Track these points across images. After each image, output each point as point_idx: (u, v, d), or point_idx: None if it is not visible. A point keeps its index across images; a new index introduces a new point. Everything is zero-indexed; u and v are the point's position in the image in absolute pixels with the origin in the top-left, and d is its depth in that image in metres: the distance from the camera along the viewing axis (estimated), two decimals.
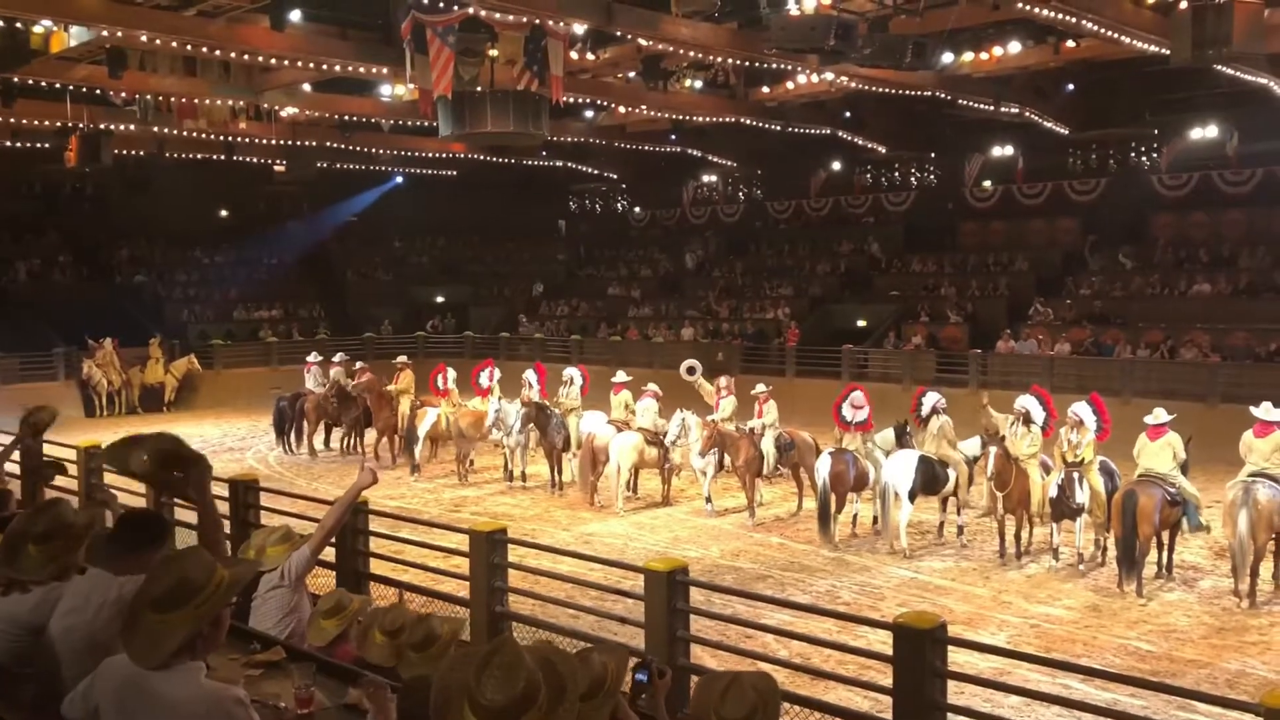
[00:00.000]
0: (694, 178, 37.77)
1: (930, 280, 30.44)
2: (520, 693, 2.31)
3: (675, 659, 6.10)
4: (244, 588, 5.32)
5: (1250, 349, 22.65)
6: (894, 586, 12.35)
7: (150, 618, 2.96)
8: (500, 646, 2.40)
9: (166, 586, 2.99)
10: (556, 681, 2.36)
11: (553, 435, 17.63)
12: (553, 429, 17.61)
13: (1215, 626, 10.96)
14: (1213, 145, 26.70)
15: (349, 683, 3.77)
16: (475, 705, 2.31)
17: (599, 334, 33.12)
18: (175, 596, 2.97)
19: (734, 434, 15.81)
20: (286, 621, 5.27)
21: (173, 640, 2.95)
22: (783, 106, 25.71)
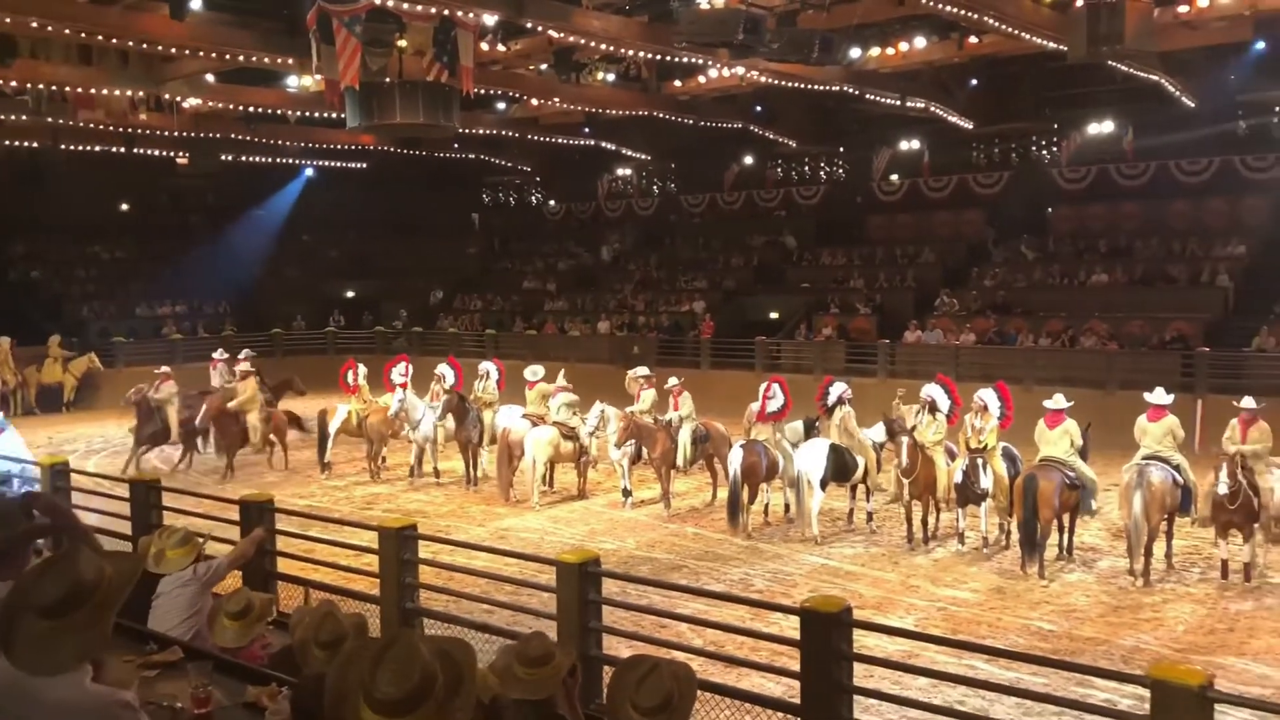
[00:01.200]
0: (609, 171, 37.79)
1: (840, 272, 30.92)
2: (416, 685, 2.29)
3: (588, 650, 6.12)
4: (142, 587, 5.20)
5: (1146, 337, 23.46)
6: (806, 573, 12.54)
7: (40, 625, 2.84)
8: (395, 640, 2.38)
9: (59, 591, 2.88)
10: (454, 672, 2.35)
11: (469, 429, 17.52)
12: (469, 423, 17.50)
13: (1112, 605, 11.34)
14: (1109, 140, 27.58)
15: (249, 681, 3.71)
16: (370, 700, 2.29)
17: (514, 328, 32.97)
18: (70, 600, 2.86)
19: (651, 426, 15.89)
20: (190, 623, 5.17)
21: (72, 645, 2.85)
22: (695, 100, 25.89)
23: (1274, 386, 18.56)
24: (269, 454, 19.36)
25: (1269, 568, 12.19)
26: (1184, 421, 13.36)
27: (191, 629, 5.11)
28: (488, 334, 32.22)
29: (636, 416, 15.94)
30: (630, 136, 30.80)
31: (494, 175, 40.04)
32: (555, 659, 4.00)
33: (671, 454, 15.67)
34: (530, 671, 3.91)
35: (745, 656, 8.45)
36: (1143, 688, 4.67)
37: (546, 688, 3.92)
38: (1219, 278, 24.55)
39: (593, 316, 32.38)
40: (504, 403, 18.35)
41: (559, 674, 3.97)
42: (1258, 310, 23.09)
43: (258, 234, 37.71)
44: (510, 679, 3.95)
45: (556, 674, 3.96)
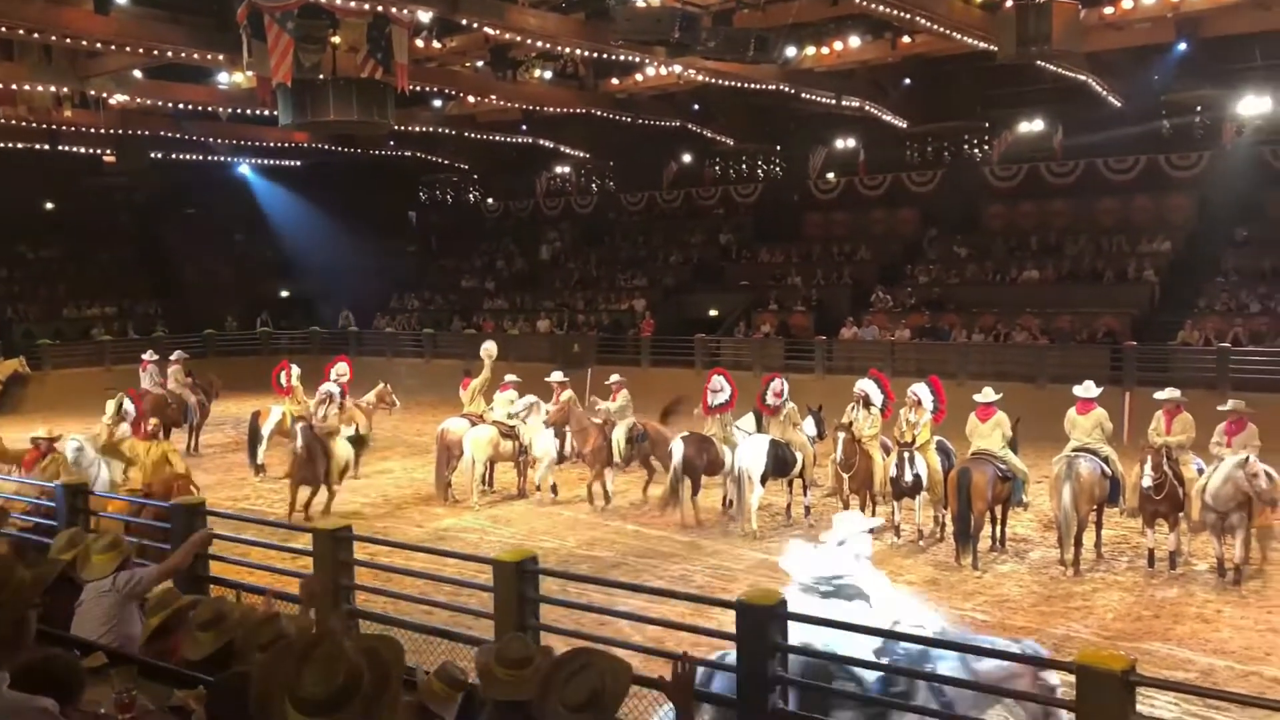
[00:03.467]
0: (547, 169, 37.67)
1: (778, 270, 31.16)
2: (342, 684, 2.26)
3: None
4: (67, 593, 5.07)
5: (1075, 331, 23.97)
6: (745, 568, 12.61)
7: None
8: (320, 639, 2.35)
9: None
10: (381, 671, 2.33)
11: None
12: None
13: (1044, 594, 11.57)
14: (1040, 138, 28.12)
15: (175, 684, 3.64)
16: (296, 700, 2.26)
17: (453, 327, 32.75)
18: None
19: (584, 419, 15.83)
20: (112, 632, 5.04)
21: None
22: (633, 98, 25.90)
23: (1198, 379, 19.11)
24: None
25: (1193, 555, 12.52)
26: (1112, 414, 13.69)
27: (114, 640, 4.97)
28: (426, 333, 31.99)
29: (573, 403, 15.89)
30: (568, 134, 30.72)
31: (431, 173, 39.71)
32: (535, 661, 3.97)
33: (604, 451, 15.60)
34: (510, 673, 3.90)
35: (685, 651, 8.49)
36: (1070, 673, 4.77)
37: (525, 689, 3.89)
38: (1145, 273, 25.18)
39: (532, 315, 32.29)
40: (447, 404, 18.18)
41: (539, 675, 3.93)
42: (1182, 305, 23.74)
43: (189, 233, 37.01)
44: (490, 680, 3.94)
45: (536, 675, 3.93)
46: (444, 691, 4.15)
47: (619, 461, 15.89)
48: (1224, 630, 10.31)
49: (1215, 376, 19.84)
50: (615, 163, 36.61)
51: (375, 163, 34.05)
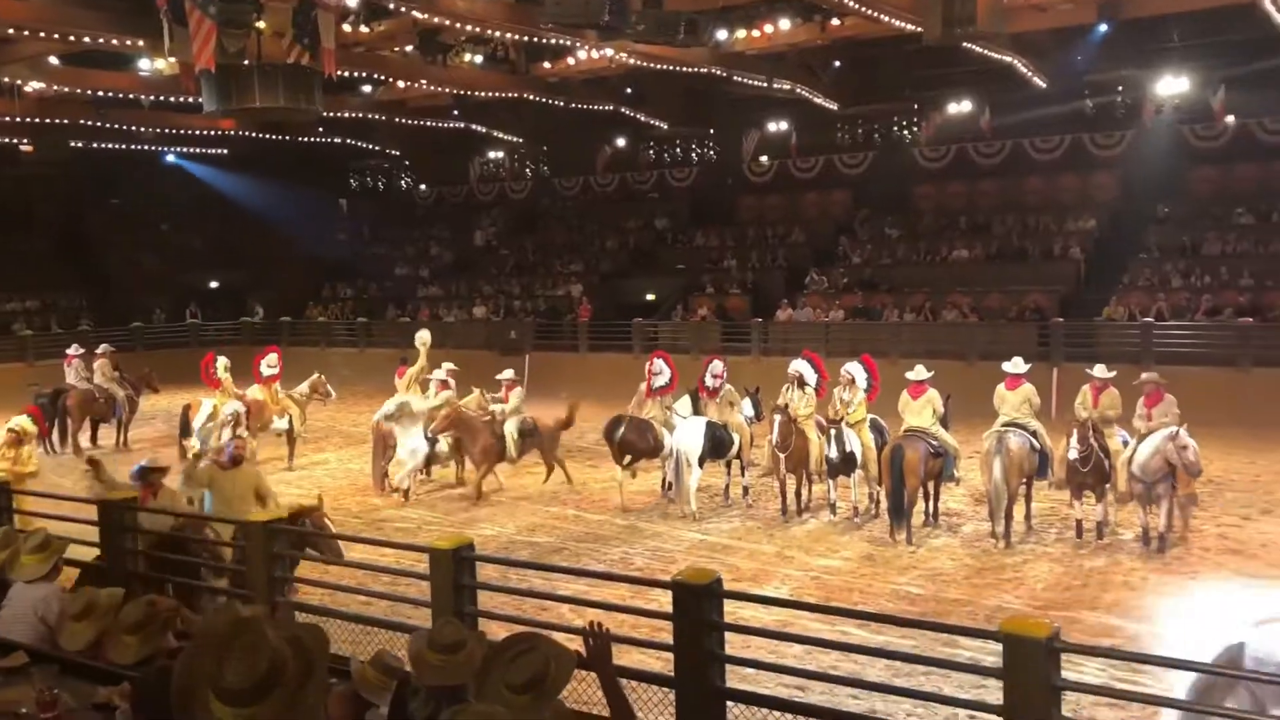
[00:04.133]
0: (480, 154, 37.36)
1: (714, 253, 31.29)
2: (265, 673, 2.25)
3: None
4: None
5: (1004, 309, 24.42)
6: (685, 549, 12.70)
7: None
8: (242, 629, 2.32)
9: None
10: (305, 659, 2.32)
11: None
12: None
13: (976, 567, 11.81)
14: (967, 119, 28.51)
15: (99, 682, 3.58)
16: (219, 691, 2.23)
17: (387, 316, 32.42)
18: None
19: (473, 420, 15.68)
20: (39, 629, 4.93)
21: None
22: (565, 82, 25.78)
23: (1124, 354, 19.57)
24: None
25: (1120, 525, 12.86)
26: (1041, 389, 13.98)
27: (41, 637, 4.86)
28: (359, 322, 31.63)
29: (460, 406, 15.72)
30: (501, 119, 30.52)
31: (362, 160, 39.19)
32: (468, 646, 3.97)
33: (494, 449, 15.37)
34: (443, 658, 3.89)
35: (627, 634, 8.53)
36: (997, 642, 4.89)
37: (459, 674, 3.89)
38: (1071, 251, 25.72)
39: (468, 302, 32.08)
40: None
41: (473, 661, 3.94)
42: (1107, 281, 24.29)
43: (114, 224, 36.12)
44: (423, 665, 3.92)
45: (470, 661, 3.93)
46: (378, 679, 4.14)
47: (512, 456, 15.72)
48: (1148, 597, 10.61)
49: (1139, 351, 20.34)
50: (549, 147, 36.44)
51: (304, 150, 33.49)
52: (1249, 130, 25.54)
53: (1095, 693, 6.76)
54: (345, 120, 28.65)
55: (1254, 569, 11.34)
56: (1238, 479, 15.50)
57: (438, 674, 3.84)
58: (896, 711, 7.59)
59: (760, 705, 5.66)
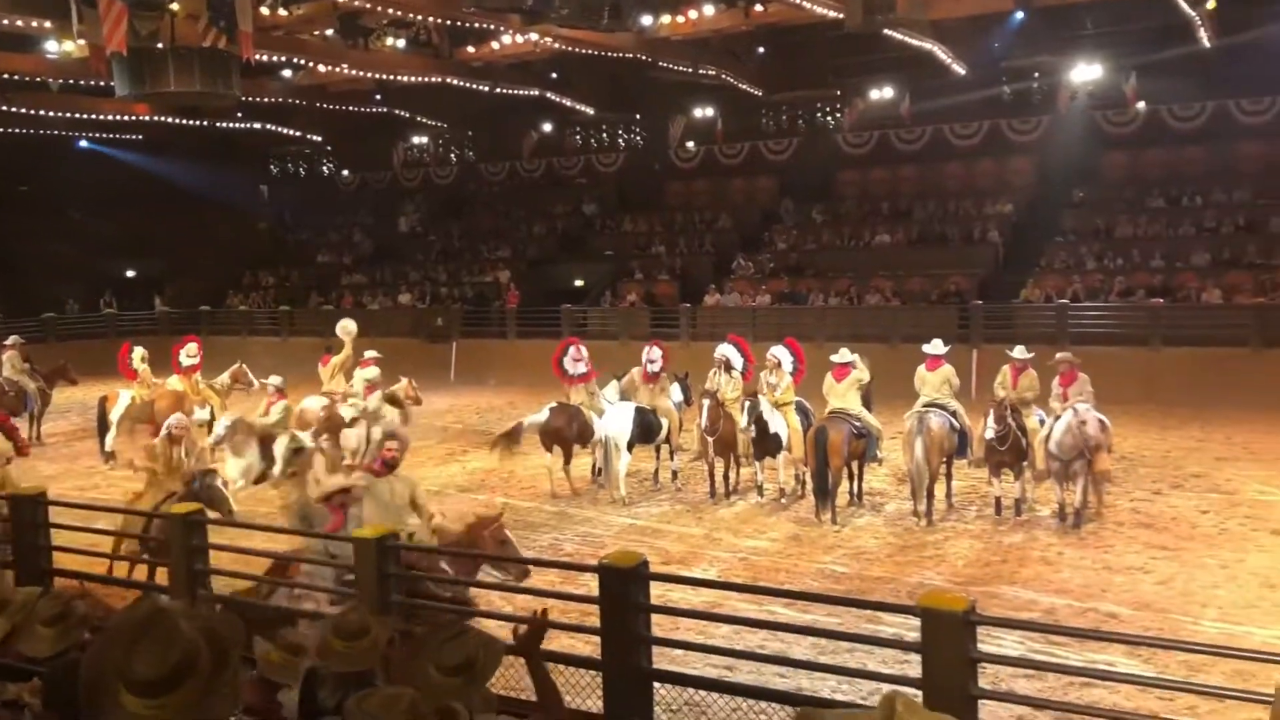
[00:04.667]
0: (404, 139, 36.92)
1: (642, 239, 31.34)
2: (176, 664, 2.21)
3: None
4: None
5: (925, 292, 24.85)
6: (615, 534, 12.74)
7: None
8: (153, 619, 2.28)
9: None
10: (219, 649, 2.29)
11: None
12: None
13: (899, 545, 12.04)
14: (888, 106, 28.89)
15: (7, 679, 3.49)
16: (129, 683, 2.19)
17: (310, 303, 31.91)
18: None
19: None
20: None
21: None
22: (490, 67, 25.59)
23: (1041, 335, 20.01)
24: None
25: (1037, 502, 13.19)
26: (962, 370, 14.27)
27: None
28: (282, 310, 31.09)
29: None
30: (425, 104, 30.18)
31: (282, 146, 38.39)
32: (373, 631, 3.96)
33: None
34: (347, 644, 3.86)
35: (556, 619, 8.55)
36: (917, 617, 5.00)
37: (365, 660, 3.87)
38: (990, 235, 26.25)
39: (393, 289, 31.71)
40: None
41: (378, 646, 3.93)
42: (1025, 264, 24.85)
43: (23, 212, 34.89)
44: (328, 652, 3.89)
45: (375, 646, 3.92)
46: (282, 659, 4.09)
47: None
48: (1065, 571, 10.91)
49: (1055, 331, 20.84)
50: (474, 132, 36.13)
51: (222, 135, 32.78)
52: (1159, 116, 26.26)
53: (1011, 664, 6.95)
54: (265, 105, 28.12)
55: (1164, 541, 11.73)
56: (1149, 455, 15.98)
57: (343, 660, 3.82)
58: (822, 688, 7.71)
59: (685, 685, 5.72)
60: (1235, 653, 6.76)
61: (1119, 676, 7.20)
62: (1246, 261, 22.66)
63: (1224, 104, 25.35)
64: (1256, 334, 19.83)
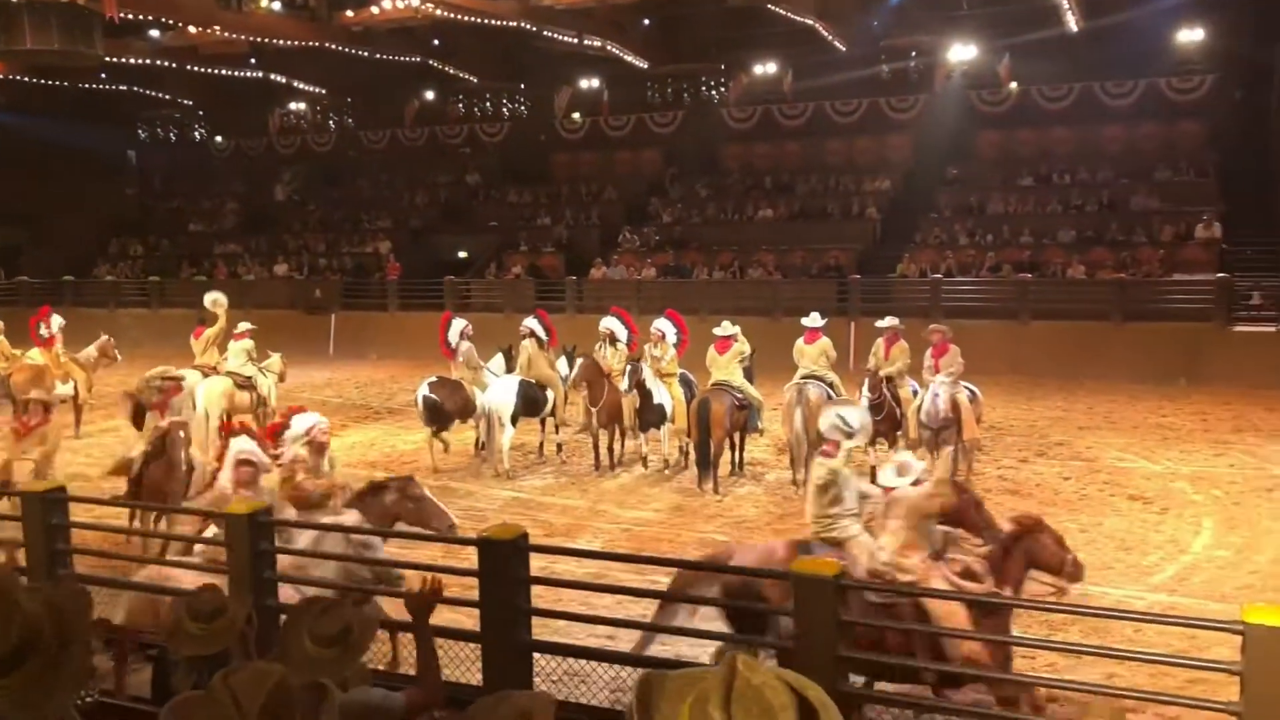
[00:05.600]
0: (280, 105, 35.84)
1: (527, 210, 31.11)
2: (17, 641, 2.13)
3: (263, 600, 5.93)
4: None
5: (806, 266, 25.29)
6: (497, 508, 12.68)
7: None
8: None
9: None
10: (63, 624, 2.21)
11: None
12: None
13: (778, 513, 12.28)
14: (772, 81, 29.22)
15: None
16: None
17: (182, 274, 30.80)
18: None
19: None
20: None
21: None
22: (369, 32, 24.99)
23: (916, 309, 20.62)
24: None
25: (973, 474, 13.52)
26: (841, 342, 14.59)
27: None
28: (151, 281, 29.94)
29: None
30: (302, 68, 29.32)
31: (151, 109, 36.90)
32: (229, 611, 3.87)
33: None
34: (203, 627, 3.77)
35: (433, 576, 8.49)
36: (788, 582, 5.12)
37: (221, 640, 3.79)
38: (868, 211, 26.84)
39: (269, 259, 30.83)
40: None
41: (234, 626, 3.85)
42: (901, 239, 25.49)
43: None
44: (181, 636, 3.78)
45: (232, 626, 3.83)
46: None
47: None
48: None
49: (929, 305, 21.47)
50: (354, 99, 35.29)
51: (86, 97, 31.29)
52: (1030, 97, 27.19)
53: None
54: (132, 66, 26.88)
55: (1029, 506, 12.17)
56: (1016, 424, 16.62)
57: (197, 644, 3.73)
58: (702, 654, 7.85)
59: (565, 655, 5.75)
60: (1091, 611, 7.13)
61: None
62: (1109, 239, 23.66)
63: (1090, 86, 26.38)
64: (1117, 308, 20.76)
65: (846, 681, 5.08)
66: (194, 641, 3.74)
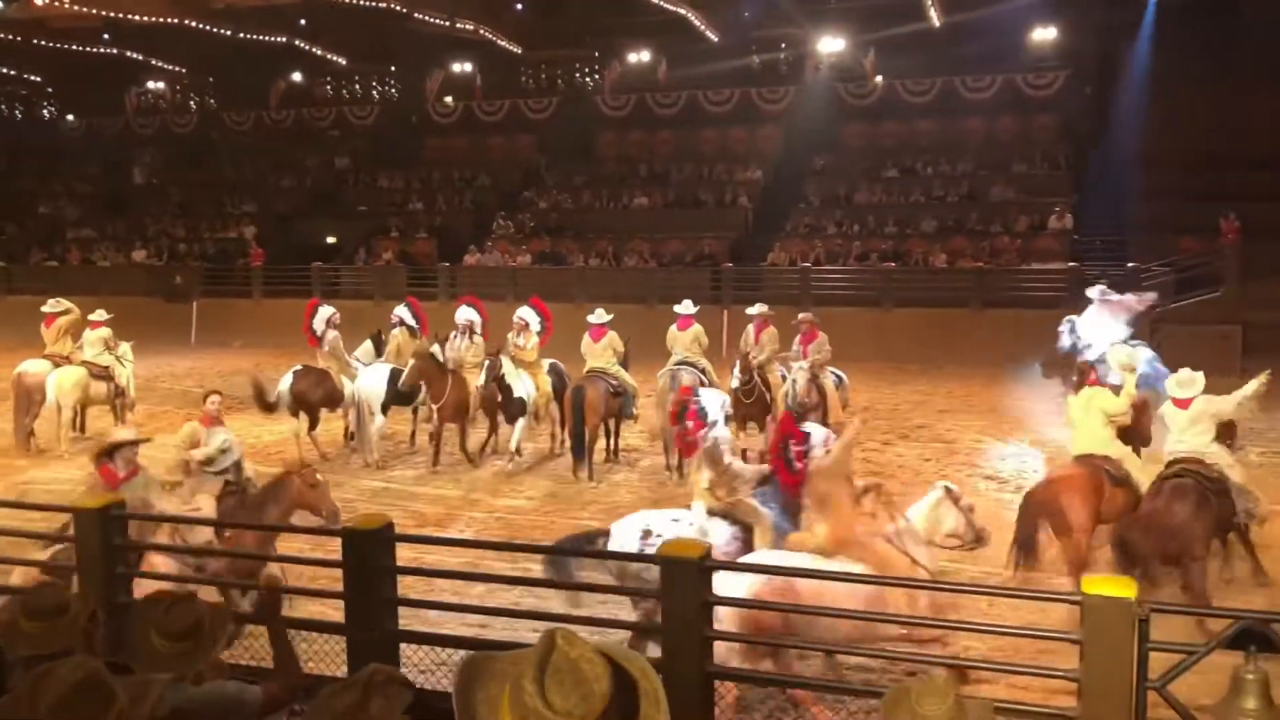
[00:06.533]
0: (138, 84, 34.37)
1: (398, 195, 30.59)
2: None
3: (115, 597, 5.72)
4: None
5: (681, 255, 25.55)
6: (367, 498, 12.48)
7: None
8: None
9: None
10: None
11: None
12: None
13: (653, 499, 12.35)
14: (646, 70, 29.38)
15: None
16: None
17: (31, 259, 29.29)
18: None
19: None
20: None
21: None
22: (233, 10, 24.19)
23: (786, 297, 21.01)
24: None
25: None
26: (713, 329, 14.78)
27: None
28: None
29: None
30: (161, 46, 28.22)
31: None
32: (71, 608, 3.71)
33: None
34: (40, 625, 3.60)
35: (306, 585, 8.32)
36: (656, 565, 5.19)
37: (61, 640, 3.63)
38: (740, 200, 27.24)
39: (126, 244, 29.57)
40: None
41: (77, 623, 3.70)
42: (772, 228, 25.97)
43: None
44: (15, 635, 3.61)
45: (74, 624, 3.68)
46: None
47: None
48: None
49: (799, 293, 21.92)
50: (217, 79, 34.08)
51: None
52: (895, 90, 27.97)
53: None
54: None
55: (891, 488, 12.49)
56: (881, 408, 17.11)
57: (33, 643, 3.57)
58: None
59: (432, 644, 5.72)
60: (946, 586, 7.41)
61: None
62: (968, 229, 24.55)
63: (951, 81, 27.30)
64: (976, 296, 21.57)
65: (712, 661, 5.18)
66: (30, 641, 3.57)
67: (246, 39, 25.67)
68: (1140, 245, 22.00)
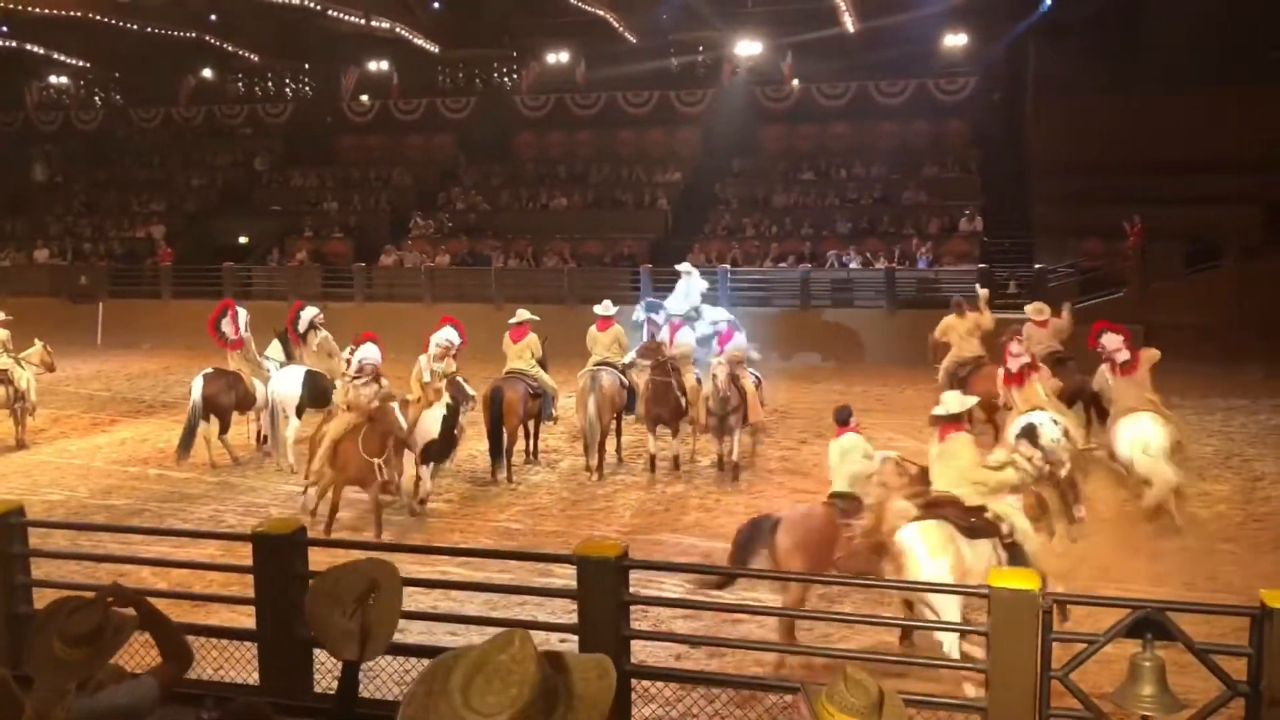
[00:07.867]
0: (38, 78, 33.22)
1: (313, 194, 30.06)
2: None
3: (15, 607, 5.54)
4: None
5: (600, 255, 25.55)
6: (281, 503, 12.28)
7: None
8: None
9: None
10: None
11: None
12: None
13: (572, 500, 12.41)
14: (565, 70, 29.31)
15: None
16: None
17: None
18: None
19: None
20: None
21: None
22: (140, 4, 23.54)
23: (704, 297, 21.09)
24: None
25: (697, 454, 13.97)
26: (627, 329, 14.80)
27: None
28: None
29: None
30: (64, 40, 27.36)
31: None
32: None
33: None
34: None
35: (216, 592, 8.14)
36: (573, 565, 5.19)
37: None
38: (659, 201, 27.33)
39: (27, 244, 28.59)
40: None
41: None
42: (691, 229, 26.10)
43: None
44: None
45: None
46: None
47: None
48: (721, 517, 11.64)
49: (716, 294, 22.05)
50: (123, 74, 33.13)
51: None
52: (811, 94, 28.34)
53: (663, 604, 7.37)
54: None
55: (807, 485, 12.77)
56: (798, 407, 17.30)
57: None
58: None
59: None
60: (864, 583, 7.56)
61: (764, 610, 7.83)
62: (882, 230, 24.96)
63: (866, 85, 27.75)
64: (889, 297, 21.95)
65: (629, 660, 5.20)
66: None
67: (155, 34, 25.00)
68: (1047, 247, 22.64)
